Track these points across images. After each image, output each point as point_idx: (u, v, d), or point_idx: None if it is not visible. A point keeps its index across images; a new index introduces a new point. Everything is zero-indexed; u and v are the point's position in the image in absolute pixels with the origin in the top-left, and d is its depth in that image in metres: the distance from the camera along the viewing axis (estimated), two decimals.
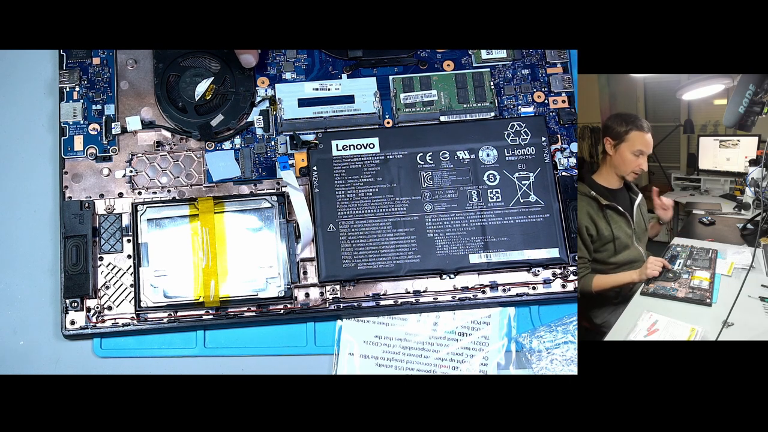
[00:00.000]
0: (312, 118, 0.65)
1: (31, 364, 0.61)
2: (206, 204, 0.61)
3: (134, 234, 0.61)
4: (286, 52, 0.68)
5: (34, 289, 0.63)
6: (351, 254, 0.61)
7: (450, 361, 0.62)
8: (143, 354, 0.62)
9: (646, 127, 0.77)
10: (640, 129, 0.76)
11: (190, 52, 0.66)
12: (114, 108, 0.65)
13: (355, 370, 0.61)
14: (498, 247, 0.62)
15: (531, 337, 0.62)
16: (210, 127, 0.65)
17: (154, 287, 0.60)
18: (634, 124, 0.76)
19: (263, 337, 0.62)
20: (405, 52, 0.68)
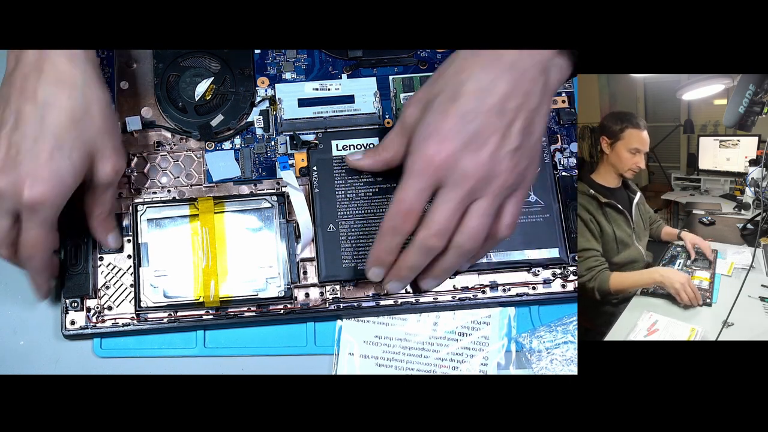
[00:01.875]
0: (312, 118, 0.65)
1: (31, 364, 0.61)
2: (206, 204, 0.61)
3: (134, 234, 0.61)
4: (286, 52, 0.68)
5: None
6: (351, 254, 0.61)
7: (450, 361, 0.62)
8: (143, 354, 0.62)
9: (641, 124, 0.77)
10: (636, 126, 0.76)
11: (190, 52, 0.66)
12: (114, 108, 0.65)
13: (355, 370, 0.61)
14: (498, 247, 0.62)
15: (531, 337, 0.62)
16: (210, 127, 0.65)
17: (154, 287, 0.60)
18: (630, 122, 0.76)
19: (263, 337, 0.62)
20: (405, 52, 0.68)
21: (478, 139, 0.50)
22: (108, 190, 0.56)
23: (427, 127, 0.50)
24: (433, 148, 0.49)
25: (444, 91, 0.51)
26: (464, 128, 0.50)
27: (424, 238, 0.51)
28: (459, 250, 0.52)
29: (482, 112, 0.50)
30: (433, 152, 0.49)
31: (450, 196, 0.50)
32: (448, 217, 0.51)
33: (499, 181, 0.51)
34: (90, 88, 0.53)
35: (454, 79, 0.51)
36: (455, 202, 0.50)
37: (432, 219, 0.51)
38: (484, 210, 0.51)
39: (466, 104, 0.50)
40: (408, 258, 0.53)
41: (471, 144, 0.49)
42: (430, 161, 0.49)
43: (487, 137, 0.50)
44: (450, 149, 0.49)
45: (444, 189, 0.50)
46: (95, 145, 0.53)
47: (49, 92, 0.51)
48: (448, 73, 0.52)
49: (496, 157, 0.50)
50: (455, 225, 0.51)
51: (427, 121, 0.51)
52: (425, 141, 0.50)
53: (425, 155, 0.50)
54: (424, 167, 0.50)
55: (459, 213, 0.51)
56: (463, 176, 0.50)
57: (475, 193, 0.51)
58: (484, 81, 0.50)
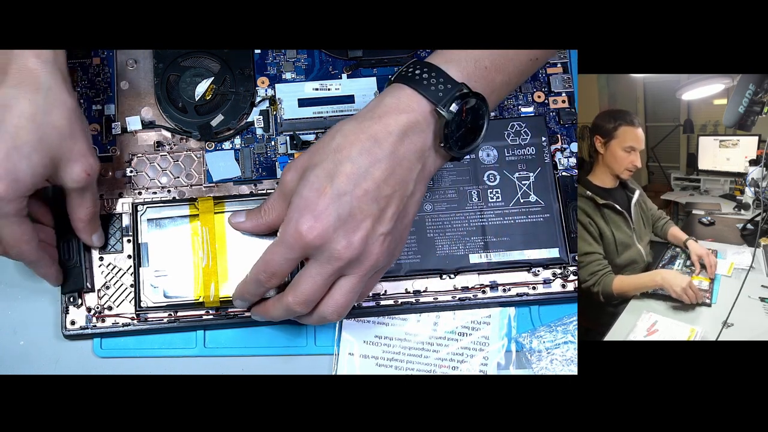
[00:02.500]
0: (312, 118, 0.65)
1: (31, 364, 0.61)
2: (206, 204, 0.61)
3: (134, 234, 0.61)
4: (286, 52, 0.68)
5: (34, 289, 0.63)
6: None
7: (450, 361, 0.62)
8: (143, 354, 0.62)
9: (635, 121, 0.75)
10: (630, 123, 0.75)
11: (190, 52, 0.66)
12: (114, 108, 0.65)
13: (355, 370, 0.61)
14: (498, 247, 0.62)
15: (531, 337, 0.62)
16: (210, 127, 0.65)
17: (155, 287, 0.60)
18: (623, 119, 0.75)
19: (263, 337, 0.62)
20: (405, 52, 0.68)
21: (352, 222, 0.50)
22: (85, 193, 0.56)
23: (302, 200, 0.51)
24: (305, 225, 0.50)
25: (322, 164, 0.51)
26: (338, 209, 0.50)
27: (290, 304, 0.53)
28: (321, 317, 0.54)
29: (357, 195, 0.50)
30: (306, 229, 0.50)
31: (319, 271, 0.51)
32: (315, 291, 0.52)
33: (370, 262, 0.52)
34: (54, 92, 0.53)
35: (334, 157, 0.51)
36: (323, 276, 0.52)
37: (300, 288, 0.52)
38: (352, 287, 0.53)
39: (342, 186, 0.50)
40: (273, 310, 0.55)
41: (344, 225, 0.50)
42: (302, 236, 0.50)
43: (361, 221, 0.51)
44: (321, 228, 0.50)
45: (314, 262, 0.52)
46: (59, 148, 0.53)
47: (11, 95, 0.52)
48: (329, 147, 0.52)
49: (367, 240, 0.51)
50: (322, 295, 0.53)
51: (302, 194, 0.51)
52: (299, 214, 0.51)
53: (298, 230, 0.50)
54: (295, 240, 0.51)
55: (327, 286, 0.52)
56: (333, 255, 0.51)
57: (344, 270, 0.52)
58: (361, 165, 0.51)
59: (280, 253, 0.52)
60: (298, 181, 0.52)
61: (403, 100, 0.52)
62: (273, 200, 0.55)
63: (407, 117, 0.52)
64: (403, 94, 0.53)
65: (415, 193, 0.53)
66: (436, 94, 0.52)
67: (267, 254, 0.53)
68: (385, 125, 0.51)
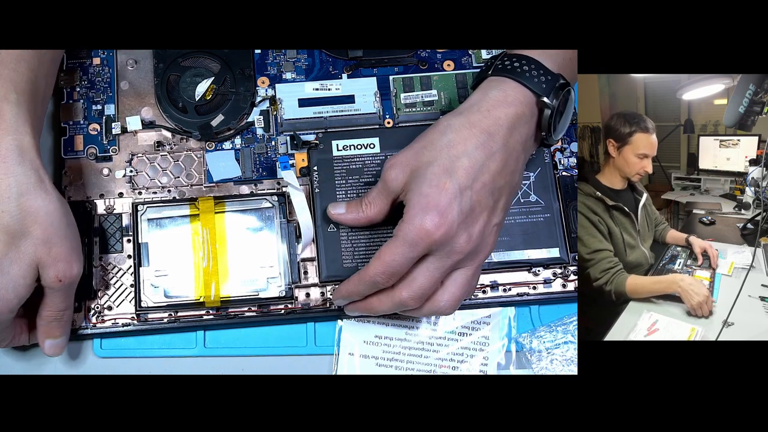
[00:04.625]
0: (312, 118, 0.65)
1: (32, 364, 0.61)
2: (207, 204, 0.61)
3: (134, 234, 0.61)
4: (286, 52, 0.68)
5: None
6: (351, 254, 0.61)
7: (450, 361, 0.62)
8: (143, 354, 0.62)
9: (650, 127, 0.75)
10: (645, 131, 0.74)
11: (190, 52, 0.66)
12: (114, 108, 0.65)
13: (355, 370, 0.61)
14: (498, 246, 0.62)
15: (531, 337, 0.62)
16: (210, 127, 0.65)
17: (155, 287, 0.60)
18: (639, 126, 0.74)
19: (263, 337, 0.62)
20: (405, 52, 0.68)
21: (471, 215, 0.52)
22: (54, 295, 0.54)
23: (423, 197, 0.51)
24: (431, 222, 0.50)
25: (436, 161, 0.52)
26: (460, 205, 0.51)
27: (404, 299, 0.53)
28: (434, 310, 0.54)
29: (476, 189, 0.52)
30: (432, 226, 0.50)
31: (438, 265, 0.52)
32: (432, 284, 0.52)
33: (485, 254, 0.54)
34: (27, 198, 0.50)
35: (448, 152, 0.52)
36: (441, 271, 0.52)
37: (416, 283, 0.52)
38: (467, 279, 0.54)
39: (462, 181, 0.51)
40: (380, 305, 0.54)
41: (465, 220, 0.51)
42: (428, 234, 0.50)
43: (479, 214, 0.52)
44: (447, 225, 0.50)
45: (433, 257, 0.52)
46: (37, 255, 0.51)
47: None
48: (440, 143, 0.52)
49: (484, 232, 0.52)
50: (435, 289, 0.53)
51: (422, 191, 0.51)
52: (423, 213, 0.51)
53: (423, 228, 0.50)
54: (421, 238, 0.50)
55: (441, 279, 0.53)
56: (454, 250, 0.51)
57: (460, 264, 0.53)
58: (478, 159, 0.52)
59: (402, 253, 0.51)
60: (405, 180, 0.53)
61: (509, 93, 0.54)
62: (374, 195, 0.56)
63: (515, 110, 0.53)
64: (508, 87, 0.54)
65: (519, 183, 0.56)
66: (540, 86, 0.54)
67: (386, 255, 0.52)
68: (495, 119, 0.53)
